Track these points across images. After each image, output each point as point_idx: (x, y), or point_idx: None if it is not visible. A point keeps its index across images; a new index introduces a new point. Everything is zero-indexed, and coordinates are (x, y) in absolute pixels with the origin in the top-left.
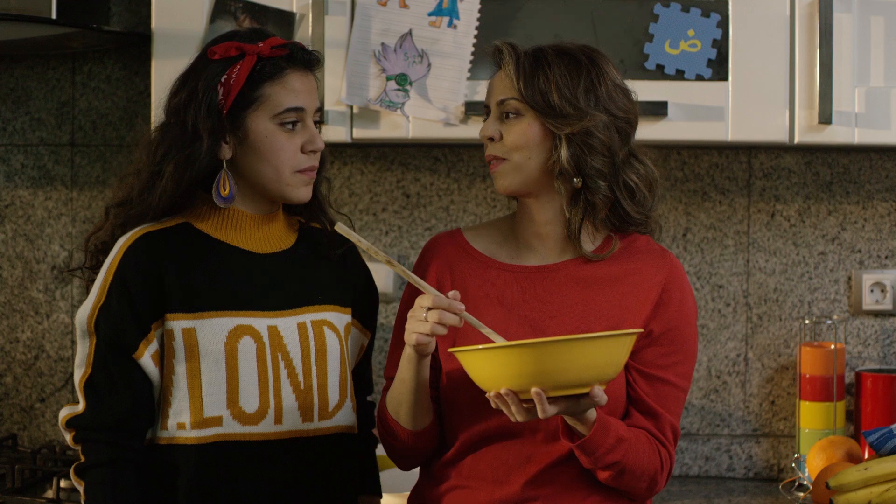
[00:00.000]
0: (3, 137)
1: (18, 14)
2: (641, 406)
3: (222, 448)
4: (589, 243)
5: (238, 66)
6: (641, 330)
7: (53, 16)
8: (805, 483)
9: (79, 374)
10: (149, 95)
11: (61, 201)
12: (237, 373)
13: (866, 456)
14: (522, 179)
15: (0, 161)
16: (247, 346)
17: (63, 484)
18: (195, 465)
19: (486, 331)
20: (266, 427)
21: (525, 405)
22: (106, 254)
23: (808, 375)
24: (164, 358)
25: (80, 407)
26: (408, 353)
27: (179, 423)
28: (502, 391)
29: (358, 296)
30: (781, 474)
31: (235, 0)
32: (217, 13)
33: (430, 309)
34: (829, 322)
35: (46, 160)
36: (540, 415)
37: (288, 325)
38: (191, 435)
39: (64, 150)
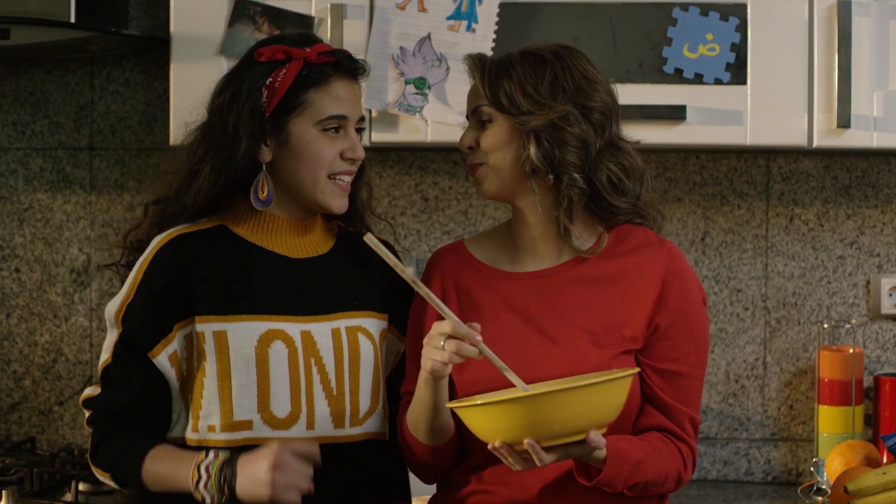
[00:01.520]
0: (22, 141)
1: (38, 18)
2: (658, 402)
3: None
4: (581, 241)
5: (284, 70)
6: (637, 370)
7: (72, 20)
8: (823, 487)
9: (101, 360)
10: (167, 99)
11: (80, 205)
12: (268, 377)
13: (885, 460)
14: (500, 181)
15: (19, 164)
16: (278, 350)
17: (82, 487)
18: None
19: (501, 365)
20: (297, 432)
21: (523, 455)
22: (141, 252)
23: (826, 379)
24: (189, 359)
25: (99, 390)
26: (424, 376)
27: (210, 426)
28: (497, 444)
29: (395, 302)
30: (800, 478)
31: (254, 4)
32: (236, 17)
33: (448, 337)
34: (848, 326)
35: (65, 163)
36: (537, 464)
37: (322, 330)
38: (221, 437)
39: (82, 153)
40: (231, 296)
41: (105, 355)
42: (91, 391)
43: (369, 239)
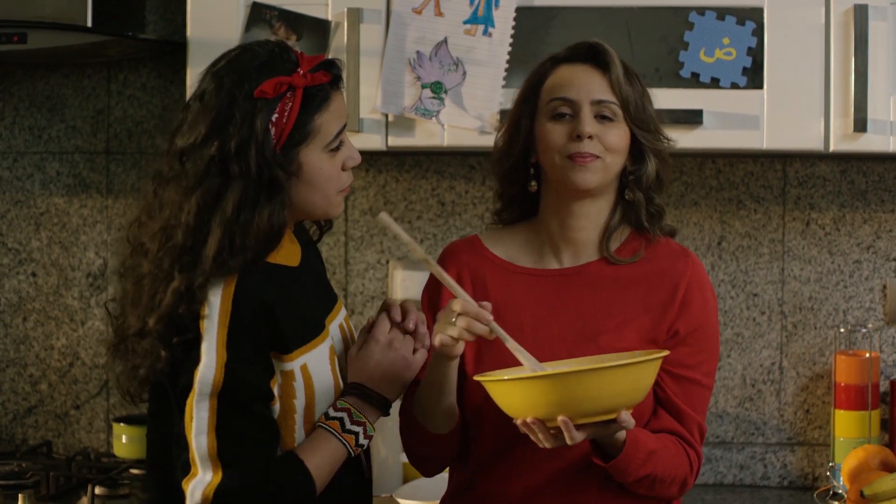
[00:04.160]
0: (39, 145)
1: (54, 22)
2: (669, 406)
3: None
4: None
5: (290, 104)
6: (667, 352)
7: (89, 24)
8: (840, 492)
9: (204, 445)
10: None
11: (96, 209)
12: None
13: None
14: (605, 180)
15: (35, 168)
16: (328, 364)
17: (98, 491)
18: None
19: (513, 345)
20: None
21: (553, 431)
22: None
23: (842, 384)
24: (282, 398)
25: (214, 476)
26: (436, 354)
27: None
28: (529, 420)
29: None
30: (816, 483)
31: (271, 8)
32: (252, 21)
33: (459, 314)
34: (864, 330)
35: (82, 168)
36: (568, 441)
37: (335, 330)
38: None
39: (99, 157)
40: (299, 323)
41: (204, 439)
42: (205, 484)
43: (384, 217)
